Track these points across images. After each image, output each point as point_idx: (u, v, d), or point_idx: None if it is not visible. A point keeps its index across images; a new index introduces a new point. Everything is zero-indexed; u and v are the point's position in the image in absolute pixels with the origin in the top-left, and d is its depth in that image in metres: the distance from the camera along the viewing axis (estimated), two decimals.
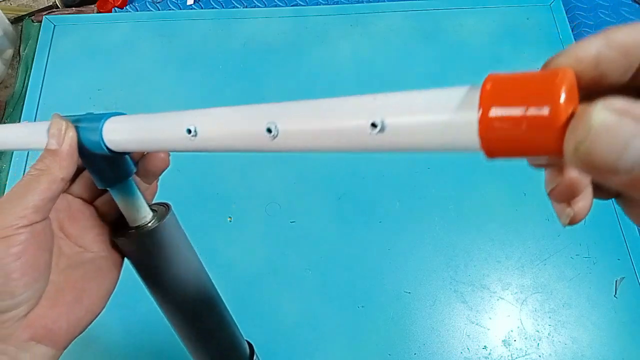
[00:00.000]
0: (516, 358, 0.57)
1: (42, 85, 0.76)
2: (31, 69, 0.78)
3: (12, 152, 0.71)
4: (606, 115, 0.10)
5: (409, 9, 0.81)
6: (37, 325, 0.24)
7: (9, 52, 0.81)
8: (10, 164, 0.70)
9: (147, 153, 0.29)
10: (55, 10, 0.84)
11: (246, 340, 0.37)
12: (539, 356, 0.57)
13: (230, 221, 0.65)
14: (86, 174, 0.29)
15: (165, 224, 0.29)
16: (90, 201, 0.30)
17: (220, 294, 0.35)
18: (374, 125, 0.16)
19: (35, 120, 0.72)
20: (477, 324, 0.59)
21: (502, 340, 0.58)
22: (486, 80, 0.14)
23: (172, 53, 0.78)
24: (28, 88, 0.76)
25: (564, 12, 0.80)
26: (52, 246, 0.25)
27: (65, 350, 0.26)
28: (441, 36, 0.78)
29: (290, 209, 0.66)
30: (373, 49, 0.77)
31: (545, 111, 0.12)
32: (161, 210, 0.31)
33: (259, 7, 0.83)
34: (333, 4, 0.82)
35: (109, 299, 0.27)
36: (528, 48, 0.77)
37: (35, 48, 0.79)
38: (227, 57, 0.78)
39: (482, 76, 0.14)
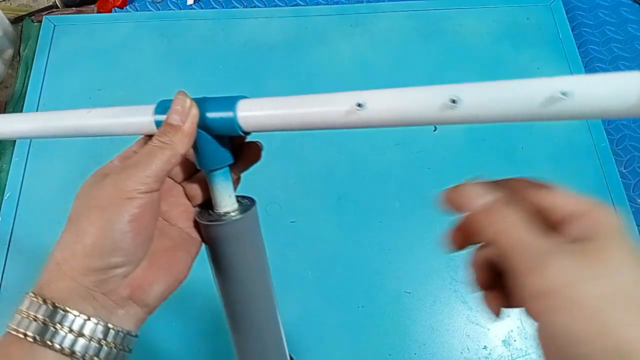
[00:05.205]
0: (516, 358, 0.57)
1: (42, 85, 0.76)
2: (31, 69, 0.78)
3: (12, 153, 0.71)
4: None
5: (409, 9, 0.81)
6: (136, 284, 0.25)
7: (9, 52, 0.81)
8: (10, 164, 0.70)
9: (247, 143, 0.30)
10: (55, 10, 0.84)
11: (290, 355, 0.37)
12: (539, 356, 0.57)
13: None
14: None
15: (249, 217, 0.30)
16: (178, 182, 0.32)
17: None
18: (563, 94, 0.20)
19: None
20: (477, 324, 0.59)
21: (502, 340, 0.58)
22: None
23: (172, 53, 0.78)
24: (28, 88, 0.76)
25: (564, 12, 0.80)
26: (158, 214, 0.27)
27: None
28: (441, 36, 0.78)
29: (290, 209, 0.66)
30: (373, 49, 0.77)
31: None
32: (245, 202, 0.32)
33: (259, 7, 0.83)
34: (333, 4, 0.82)
35: (190, 268, 0.29)
36: (528, 48, 0.76)
37: (35, 48, 0.79)
38: (227, 57, 0.78)
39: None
